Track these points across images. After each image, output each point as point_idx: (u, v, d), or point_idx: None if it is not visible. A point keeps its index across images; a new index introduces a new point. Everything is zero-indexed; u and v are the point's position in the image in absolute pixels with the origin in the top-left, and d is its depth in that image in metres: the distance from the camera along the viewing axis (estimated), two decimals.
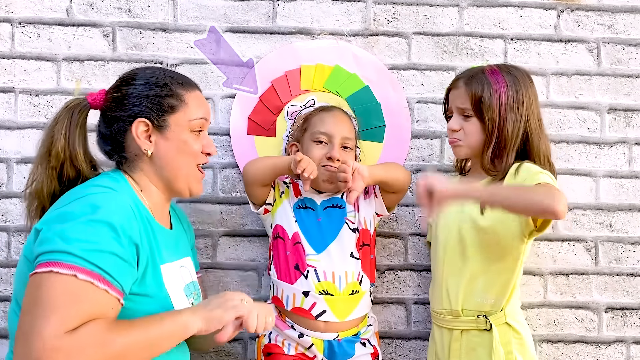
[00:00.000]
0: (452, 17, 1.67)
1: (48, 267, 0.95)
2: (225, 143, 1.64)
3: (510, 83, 1.37)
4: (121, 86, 1.19)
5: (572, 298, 1.66)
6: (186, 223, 1.39)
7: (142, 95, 1.16)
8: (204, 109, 1.22)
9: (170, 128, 1.17)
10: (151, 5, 1.63)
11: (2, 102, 1.61)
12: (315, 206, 1.50)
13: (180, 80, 1.21)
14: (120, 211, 1.04)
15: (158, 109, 1.16)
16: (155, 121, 1.15)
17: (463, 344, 1.38)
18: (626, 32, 1.69)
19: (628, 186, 1.68)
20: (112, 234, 1.01)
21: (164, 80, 1.19)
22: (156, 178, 1.18)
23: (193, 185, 1.23)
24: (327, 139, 1.47)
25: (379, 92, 1.65)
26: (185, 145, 1.18)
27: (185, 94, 1.19)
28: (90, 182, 1.13)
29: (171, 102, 1.17)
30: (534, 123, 1.38)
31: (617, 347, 1.66)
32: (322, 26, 1.66)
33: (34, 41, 1.61)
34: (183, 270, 1.21)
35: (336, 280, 1.42)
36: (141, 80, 1.18)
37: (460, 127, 1.41)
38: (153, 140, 1.16)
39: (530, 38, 1.68)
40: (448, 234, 1.42)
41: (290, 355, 1.43)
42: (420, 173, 1.66)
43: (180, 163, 1.19)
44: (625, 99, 1.69)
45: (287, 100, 1.63)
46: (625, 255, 1.67)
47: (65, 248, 0.96)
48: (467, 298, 1.38)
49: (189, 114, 1.19)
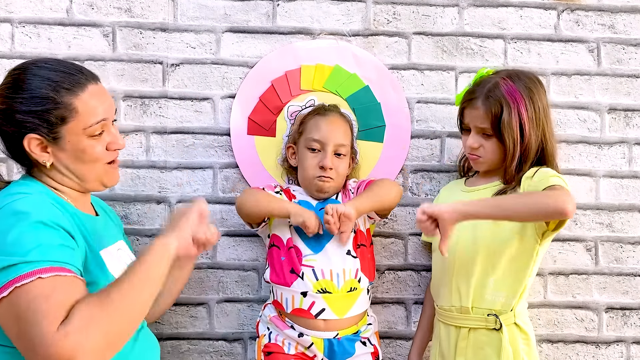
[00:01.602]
0: (452, 17, 1.67)
1: (11, 286, 0.94)
2: (225, 143, 1.64)
3: (527, 99, 1.36)
4: (7, 96, 1.10)
5: (572, 298, 1.66)
6: (111, 212, 1.38)
7: (27, 112, 1.08)
8: (101, 109, 1.14)
9: (65, 139, 1.11)
10: (151, 5, 1.63)
11: None
12: (311, 208, 1.50)
13: (68, 84, 1.11)
14: (43, 208, 1.03)
15: (47, 124, 1.09)
16: (46, 136, 1.10)
17: (470, 342, 1.37)
18: (626, 32, 1.69)
19: (628, 186, 1.68)
20: (47, 229, 1.00)
21: (47, 93, 1.09)
22: (65, 180, 1.15)
23: (105, 180, 1.20)
24: (320, 147, 1.48)
25: (379, 92, 1.65)
26: (84, 154, 1.13)
27: (74, 100, 1.10)
28: (3, 193, 1.08)
29: (60, 114, 1.09)
30: (549, 131, 1.39)
31: (617, 347, 1.66)
32: (322, 26, 1.66)
33: (34, 41, 1.61)
34: (121, 253, 1.22)
35: (334, 278, 1.42)
36: (26, 91, 1.09)
37: (479, 145, 1.41)
38: (50, 152, 1.11)
39: (530, 38, 1.68)
40: (461, 231, 1.38)
41: (290, 354, 1.43)
42: (420, 173, 1.66)
43: (83, 171, 1.15)
44: (625, 99, 1.69)
45: (287, 100, 1.63)
46: (625, 255, 1.67)
47: (15, 260, 0.95)
48: (478, 296, 1.37)
49: (83, 122, 1.11)
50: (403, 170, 1.66)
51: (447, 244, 1.25)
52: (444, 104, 1.66)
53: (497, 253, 1.36)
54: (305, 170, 1.50)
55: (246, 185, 1.63)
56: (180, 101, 1.63)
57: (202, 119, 1.63)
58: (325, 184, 1.49)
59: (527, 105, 1.36)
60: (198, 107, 1.63)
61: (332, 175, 1.48)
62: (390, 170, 1.64)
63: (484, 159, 1.42)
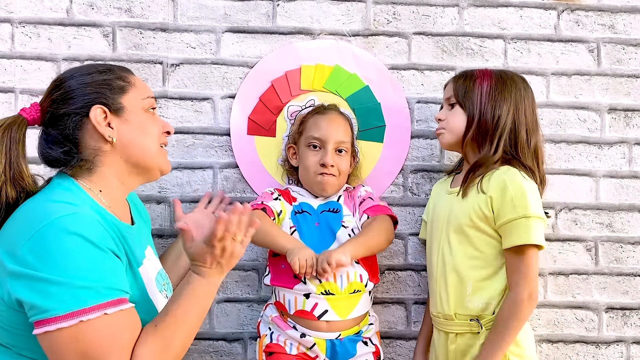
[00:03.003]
0: (452, 17, 1.67)
1: (74, 318, 0.93)
2: (225, 143, 1.64)
3: (496, 77, 1.41)
4: (57, 85, 1.13)
5: (572, 298, 1.66)
6: (142, 208, 1.38)
7: (88, 83, 1.11)
8: (149, 89, 1.21)
9: (127, 109, 1.13)
10: (151, 5, 1.63)
11: (2, 102, 1.61)
12: (312, 210, 1.50)
13: (119, 67, 1.19)
14: (95, 229, 1.00)
15: (109, 91, 1.12)
16: (110, 105, 1.11)
17: (458, 346, 1.38)
18: (626, 32, 1.69)
19: (628, 186, 1.68)
20: (101, 254, 0.99)
21: (103, 66, 1.16)
22: (122, 167, 1.14)
23: (162, 164, 1.21)
24: (321, 144, 1.48)
25: (379, 92, 1.65)
26: (145, 124, 1.16)
27: (128, 75, 1.17)
28: (47, 198, 1.06)
29: (119, 84, 1.14)
30: (522, 119, 1.39)
31: (617, 347, 1.66)
32: (322, 26, 1.66)
33: (34, 41, 1.61)
34: (148, 264, 1.20)
35: (337, 280, 1.41)
36: (79, 72, 1.14)
37: (445, 117, 1.44)
38: (114, 127, 1.12)
39: (530, 38, 1.68)
40: (439, 237, 1.43)
41: (292, 355, 1.42)
42: (420, 173, 1.66)
43: (146, 143, 1.16)
44: (625, 99, 1.69)
45: (287, 100, 1.63)
46: (625, 255, 1.67)
47: (78, 294, 0.94)
48: (458, 303, 1.38)
49: (139, 93, 1.16)
50: (403, 170, 1.66)
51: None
52: None
53: (469, 260, 1.37)
54: (307, 168, 1.50)
55: (246, 186, 1.63)
56: (180, 101, 1.63)
57: (202, 119, 1.63)
58: (328, 180, 1.48)
59: (492, 81, 1.39)
60: (198, 107, 1.63)
61: (334, 172, 1.48)
62: (390, 170, 1.64)
63: (447, 129, 1.43)
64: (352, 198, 1.54)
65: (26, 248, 0.96)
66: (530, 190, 1.32)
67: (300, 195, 1.54)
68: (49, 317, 0.93)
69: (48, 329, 0.93)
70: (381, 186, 1.64)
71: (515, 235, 1.30)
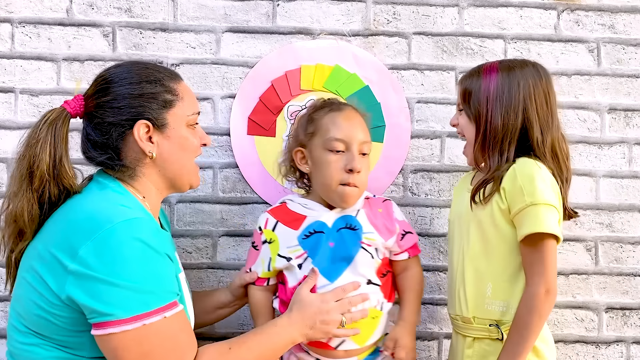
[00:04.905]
0: (452, 17, 1.67)
1: (138, 322, 0.96)
2: (225, 143, 1.64)
3: (503, 76, 1.29)
4: (105, 89, 1.10)
5: (572, 298, 1.66)
6: (165, 216, 1.39)
7: (137, 95, 1.09)
8: (196, 102, 1.20)
9: (170, 126, 1.13)
10: (151, 5, 1.63)
11: (2, 102, 1.61)
12: (326, 229, 1.30)
13: (169, 73, 1.16)
14: (153, 234, 1.02)
15: (156, 105, 1.10)
16: (155, 121, 1.10)
17: (475, 351, 1.31)
18: (626, 32, 1.69)
19: (628, 186, 1.68)
20: (159, 258, 1.02)
21: (154, 75, 1.12)
22: (159, 179, 1.16)
23: (193, 180, 1.22)
24: (345, 147, 1.28)
25: (379, 92, 1.65)
26: (186, 141, 1.16)
27: (177, 87, 1.15)
28: (102, 199, 1.07)
29: (167, 98, 1.12)
30: (533, 117, 1.28)
31: (617, 347, 1.66)
32: (322, 26, 1.66)
33: (34, 41, 1.61)
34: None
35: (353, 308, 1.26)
36: (128, 78, 1.10)
37: (457, 122, 1.39)
38: (155, 142, 1.12)
39: (530, 38, 1.68)
40: (460, 236, 1.37)
41: None
42: (420, 173, 1.66)
43: (183, 161, 1.17)
44: (625, 99, 1.69)
45: (287, 100, 1.63)
46: (625, 255, 1.67)
47: (141, 298, 0.97)
48: (477, 305, 1.30)
49: (186, 108, 1.15)
50: (403, 170, 1.66)
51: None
52: (444, 104, 1.66)
53: (490, 260, 1.29)
54: (328, 175, 1.28)
55: (246, 186, 1.63)
56: None
57: (202, 119, 1.63)
58: (352, 191, 1.28)
59: (499, 81, 1.29)
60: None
61: (357, 183, 1.28)
62: (390, 170, 1.64)
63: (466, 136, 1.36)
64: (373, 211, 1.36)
65: (87, 249, 0.96)
66: (539, 177, 1.22)
67: (308, 209, 1.33)
68: (113, 320, 0.95)
69: (113, 330, 0.95)
70: (381, 186, 1.64)
71: (525, 225, 1.21)
